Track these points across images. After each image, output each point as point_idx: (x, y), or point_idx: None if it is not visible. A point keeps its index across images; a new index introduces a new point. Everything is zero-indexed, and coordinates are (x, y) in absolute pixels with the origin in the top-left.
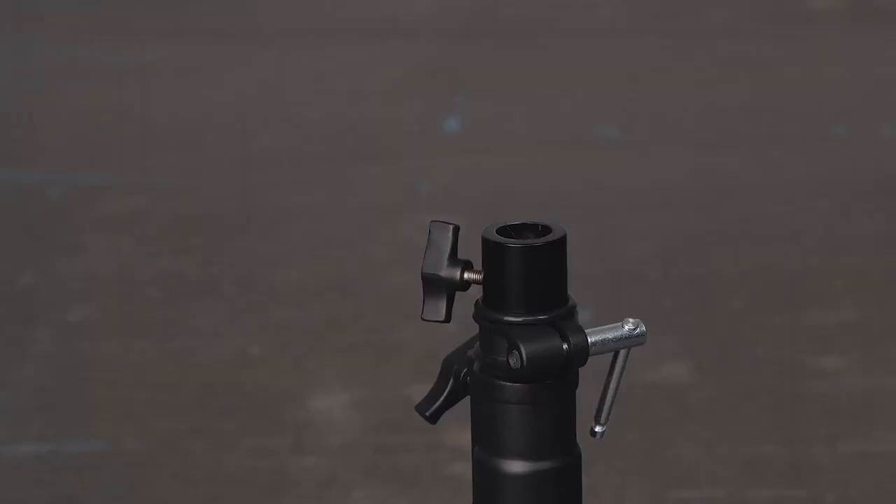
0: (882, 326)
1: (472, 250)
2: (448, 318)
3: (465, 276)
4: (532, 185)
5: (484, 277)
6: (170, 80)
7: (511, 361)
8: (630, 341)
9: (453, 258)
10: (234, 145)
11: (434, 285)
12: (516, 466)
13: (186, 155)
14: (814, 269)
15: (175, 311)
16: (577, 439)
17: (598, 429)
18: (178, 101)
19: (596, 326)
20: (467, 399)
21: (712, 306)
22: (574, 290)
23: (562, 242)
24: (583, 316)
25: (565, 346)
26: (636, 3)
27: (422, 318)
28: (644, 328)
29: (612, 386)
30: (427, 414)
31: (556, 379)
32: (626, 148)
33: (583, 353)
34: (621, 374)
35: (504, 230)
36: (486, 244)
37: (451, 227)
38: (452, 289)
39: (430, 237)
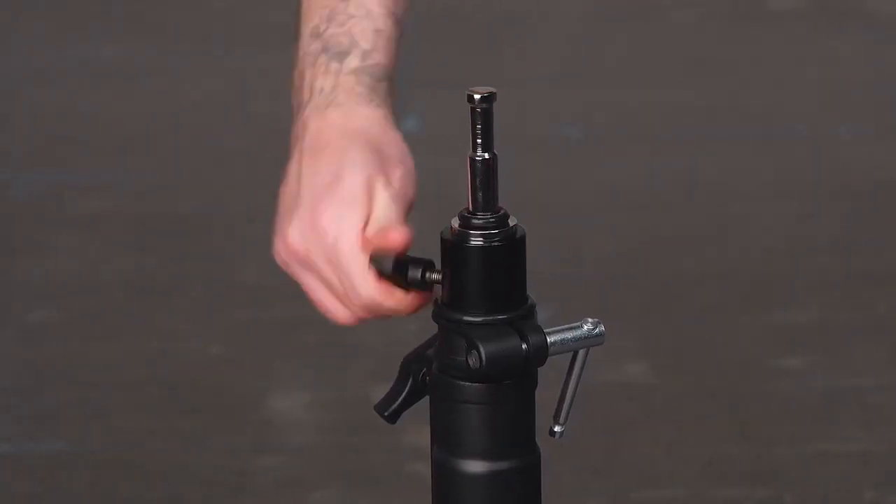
0: (844, 327)
1: (433, 250)
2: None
3: (427, 275)
4: None
5: (443, 277)
6: (134, 80)
7: (470, 361)
8: (589, 341)
9: (413, 259)
10: (199, 146)
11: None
12: (475, 466)
13: (151, 155)
14: (776, 270)
15: (138, 311)
16: (537, 439)
17: (557, 428)
18: (143, 102)
19: (555, 326)
20: (427, 398)
21: (675, 306)
22: (535, 290)
23: (521, 243)
24: (542, 316)
25: (524, 345)
26: (600, 4)
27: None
28: (603, 328)
29: (571, 386)
30: (386, 414)
31: (516, 379)
32: (588, 148)
33: (542, 352)
34: (580, 373)
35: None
36: (445, 244)
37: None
38: (415, 288)
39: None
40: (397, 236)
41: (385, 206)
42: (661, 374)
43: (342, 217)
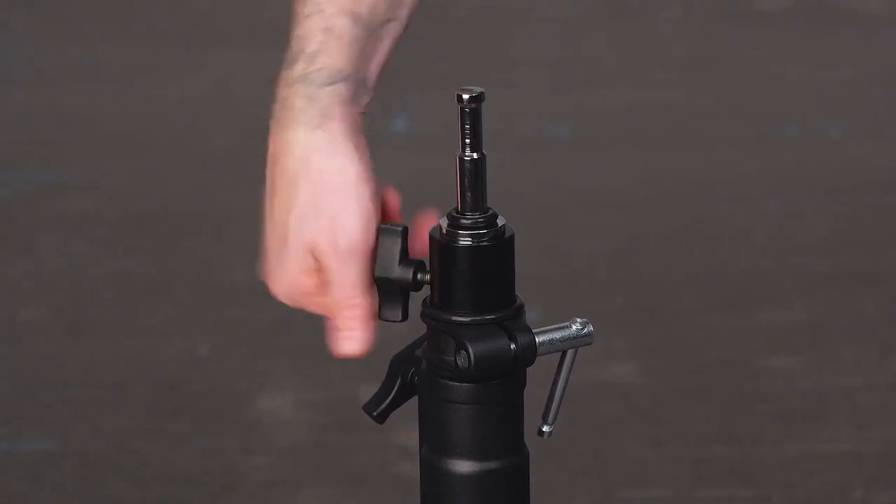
0: (832, 326)
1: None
2: (405, 317)
3: (419, 276)
4: None
5: (431, 277)
6: (123, 79)
7: (459, 361)
8: (578, 341)
9: (405, 259)
10: (186, 145)
11: (388, 287)
12: (464, 466)
13: (138, 155)
14: (764, 269)
15: (126, 311)
16: (525, 439)
17: (545, 428)
18: (130, 101)
19: (544, 326)
20: (415, 398)
21: (663, 306)
22: (524, 290)
23: (509, 243)
24: (531, 316)
25: (513, 345)
26: (588, 3)
27: (378, 318)
28: (591, 328)
29: (560, 385)
30: (375, 414)
31: (504, 379)
32: (577, 148)
33: (530, 352)
34: (569, 373)
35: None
36: (434, 244)
37: (400, 229)
38: (406, 289)
39: (380, 241)
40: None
41: (335, 284)
42: (650, 374)
43: (295, 288)
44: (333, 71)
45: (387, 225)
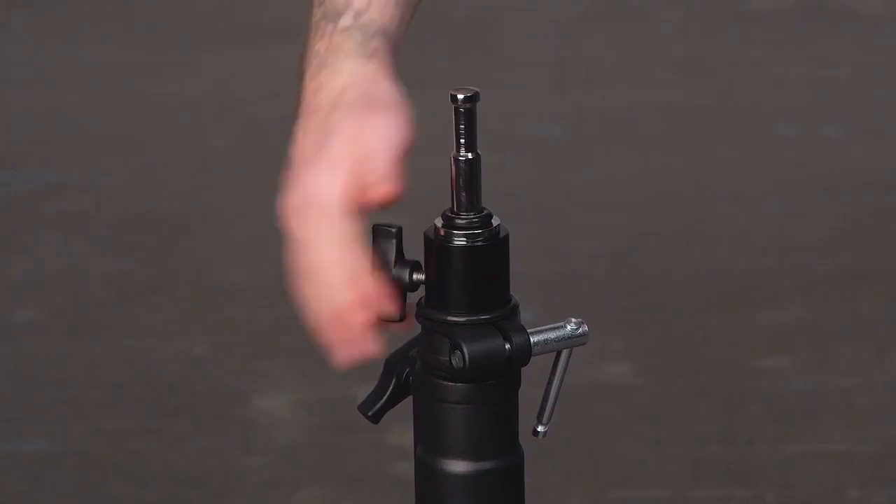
0: (831, 326)
1: (416, 250)
2: (402, 318)
3: (415, 276)
4: None
5: (426, 277)
6: (123, 79)
7: (453, 361)
8: (572, 341)
9: (401, 259)
10: (186, 145)
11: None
12: (459, 466)
13: (138, 155)
14: (764, 269)
15: (124, 310)
16: (520, 439)
17: (540, 428)
18: (130, 101)
19: (538, 326)
20: (410, 398)
21: (660, 306)
22: (522, 290)
23: (504, 243)
24: (529, 316)
25: (507, 345)
26: (588, 3)
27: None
28: (586, 328)
29: (555, 385)
30: (369, 414)
31: (499, 379)
32: (574, 148)
33: (525, 352)
34: (564, 373)
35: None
36: (429, 244)
37: (394, 229)
38: (402, 290)
39: (374, 240)
40: (380, 191)
41: (372, 162)
42: (646, 374)
43: (326, 180)
44: (379, 26)
45: (381, 226)
